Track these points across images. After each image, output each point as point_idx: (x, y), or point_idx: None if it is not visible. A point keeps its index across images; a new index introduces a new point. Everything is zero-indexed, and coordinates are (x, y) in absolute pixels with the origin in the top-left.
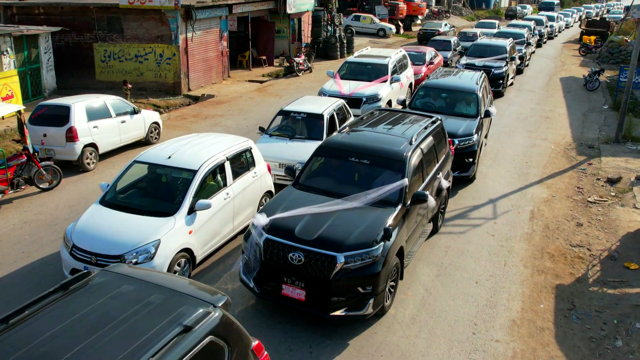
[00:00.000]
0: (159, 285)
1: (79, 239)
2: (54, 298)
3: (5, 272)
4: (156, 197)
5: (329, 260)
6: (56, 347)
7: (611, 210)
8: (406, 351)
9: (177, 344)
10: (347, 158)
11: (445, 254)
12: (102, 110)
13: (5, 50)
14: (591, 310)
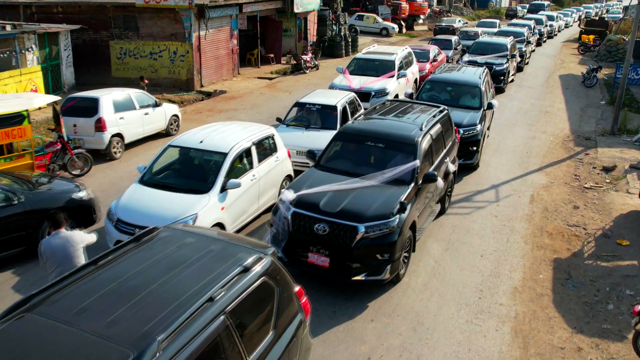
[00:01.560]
0: (215, 238)
1: (123, 214)
2: (129, 247)
3: None
4: (191, 177)
5: (350, 230)
6: (141, 282)
7: (606, 195)
8: (420, 312)
9: (238, 280)
10: (364, 142)
11: (453, 231)
12: (127, 103)
13: (29, 47)
14: (586, 279)
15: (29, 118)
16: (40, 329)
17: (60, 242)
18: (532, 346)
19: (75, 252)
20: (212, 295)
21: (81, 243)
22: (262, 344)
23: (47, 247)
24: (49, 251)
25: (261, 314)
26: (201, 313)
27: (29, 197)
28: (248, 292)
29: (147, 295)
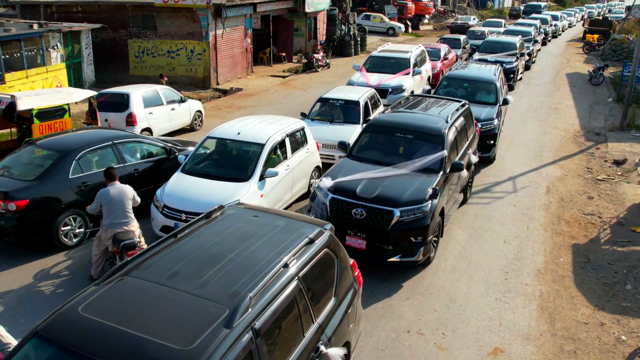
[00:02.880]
0: (278, 215)
1: (169, 200)
2: (202, 223)
3: None
4: (230, 166)
5: (387, 214)
6: (220, 251)
7: (618, 186)
8: (451, 291)
9: (306, 250)
10: (393, 134)
11: (475, 219)
12: (155, 98)
13: (54, 45)
14: (604, 263)
15: (70, 112)
16: (140, 289)
17: (116, 192)
18: (558, 321)
19: (127, 202)
20: (286, 262)
21: (132, 195)
22: (326, 308)
23: (105, 196)
24: (107, 199)
25: (325, 282)
26: (279, 277)
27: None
28: (314, 261)
29: (228, 262)
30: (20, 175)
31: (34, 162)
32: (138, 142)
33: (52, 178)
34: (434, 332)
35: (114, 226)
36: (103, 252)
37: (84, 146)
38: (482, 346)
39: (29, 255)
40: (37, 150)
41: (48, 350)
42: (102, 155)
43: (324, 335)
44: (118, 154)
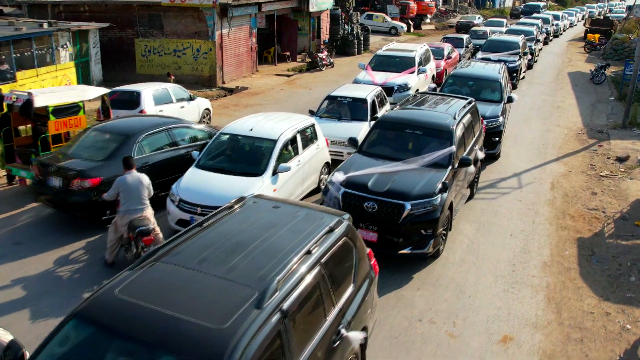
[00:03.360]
0: (297, 205)
1: (185, 194)
2: (225, 213)
3: None
4: (244, 162)
5: (398, 207)
6: (245, 238)
7: (621, 183)
8: (460, 282)
9: (327, 238)
10: (402, 130)
11: (482, 214)
12: (165, 96)
13: (64, 44)
14: (608, 255)
15: (84, 108)
16: (172, 273)
17: (133, 180)
18: (565, 311)
19: (143, 190)
20: (309, 249)
21: (147, 184)
22: (346, 294)
23: (122, 183)
24: (124, 186)
25: (344, 269)
26: (302, 262)
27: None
28: (334, 249)
29: (253, 249)
30: (90, 157)
31: (99, 145)
32: (187, 128)
33: (119, 158)
34: (445, 320)
35: (130, 212)
36: (118, 238)
37: (143, 130)
38: (492, 334)
39: (50, 242)
40: (99, 134)
41: (88, 329)
42: (159, 139)
43: (344, 319)
44: (171, 137)
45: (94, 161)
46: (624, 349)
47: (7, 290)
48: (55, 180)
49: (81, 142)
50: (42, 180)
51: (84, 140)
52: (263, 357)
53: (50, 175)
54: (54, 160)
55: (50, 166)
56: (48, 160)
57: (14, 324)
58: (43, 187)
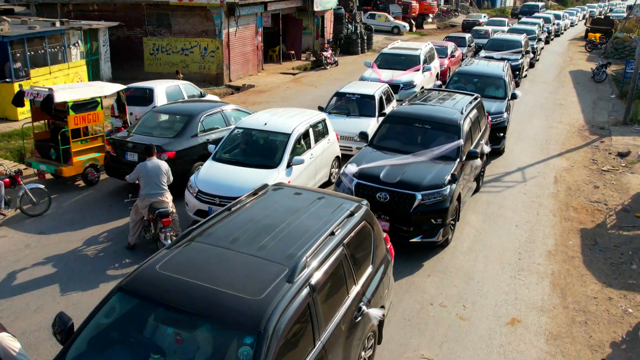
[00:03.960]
0: (317, 192)
1: (203, 186)
2: (250, 199)
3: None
4: (259, 155)
5: (409, 198)
6: (272, 221)
7: (623, 177)
8: (469, 270)
9: (348, 222)
10: (412, 124)
11: (488, 206)
12: (177, 93)
13: (75, 42)
14: (610, 245)
15: (102, 104)
16: (207, 251)
17: (153, 166)
18: (569, 296)
19: (162, 175)
20: (332, 230)
21: (166, 170)
22: (366, 274)
23: (142, 169)
24: (144, 171)
25: (364, 250)
26: (327, 243)
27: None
28: (355, 232)
29: (280, 230)
30: (161, 134)
31: (166, 124)
32: (235, 110)
33: (187, 135)
34: (455, 304)
35: (149, 196)
36: (140, 220)
37: (204, 111)
38: (500, 317)
39: (80, 222)
40: (162, 115)
41: (132, 301)
42: (216, 119)
43: (364, 297)
44: (224, 118)
45: (167, 138)
46: (626, 331)
47: (39, 267)
48: (132, 156)
49: (145, 124)
50: (117, 156)
51: (148, 122)
52: (295, 327)
53: (126, 151)
54: (127, 139)
55: (126, 143)
56: (122, 138)
57: (46, 298)
58: (118, 163)
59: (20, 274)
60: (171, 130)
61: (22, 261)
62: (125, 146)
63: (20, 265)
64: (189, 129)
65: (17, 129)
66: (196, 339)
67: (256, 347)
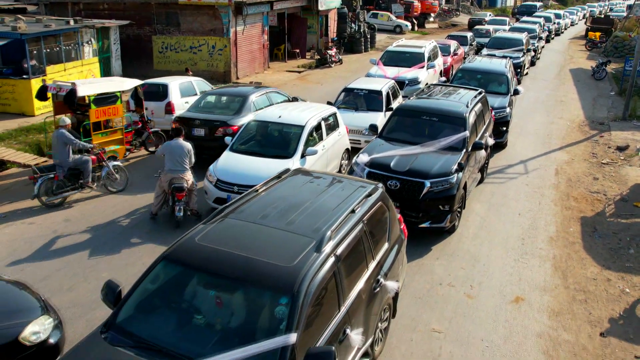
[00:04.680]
0: (335, 176)
1: (222, 175)
2: (275, 182)
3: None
4: (274, 146)
5: (418, 185)
6: (296, 201)
7: (621, 169)
8: (475, 253)
9: (366, 202)
10: (419, 117)
11: (492, 196)
12: (190, 89)
13: (88, 40)
14: (609, 232)
15: (121, 98)
16: (240, 225)
17: (177, 145)
18: (570, 277)
19: (184, 155)
20: (353, 208)
21: (188, 150)
22: (382, 250)
23: (167, 147)
24: (168, 149)
25: (381, 228)
26: (349, 219)
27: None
28: (373, 211)
29: (305, 209)
30: (222, 112)
31: (223, 105)
32: (275, 92)
33: (244, 112)
34: (463, 284)
35: (171, 172)
36: (162, 192)
37: (253, 93)
38: (505, 295)
39: (97, 220)
40: (218, 97)
41: (176, 269)
42: (263, 100)
43: (381, 271)
44: (269, 99)
45: (228, 115)
46: (624, 308)
47: (69, 250)
48: (199, 131)
49: (202, 105)
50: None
51: (206, 104)
52: (323, 291)
53: (193, 128)
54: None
55: (194, 120)
56: (189, 116)
57: (77, 279)
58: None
59: (51, 257)
60: (230, 109)
61: (52, 245)
62: (193, 123)
63: (51, 249)
64: (245, 107)
65: (35, 123)
66: (235, 301)
67: (291, 307)
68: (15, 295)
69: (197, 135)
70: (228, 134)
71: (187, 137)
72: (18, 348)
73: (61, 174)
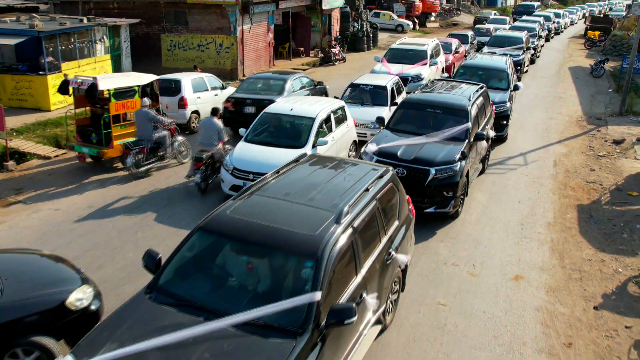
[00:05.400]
0: (348, 160)
1: (238, 163)
2: (293, 165)
3: (180, 190)
4: (286, 137)
5: (424, 172)
6: (314, 181)
7: (617, 161)
8: (477, 237)
9: (378, 182)
10: (425, 109)
11: (493, 185)
12: (202, 84)
13: (101, 38)
14: (604, 218)
15: (139, 92)
16: (266, 201)
17: (209, 123)
18: (566, 258)
19: (213, 132)
20: (367, 187)
21: (219, 130)
22: (393, 226)
23: (201, 123)
24: (202, 126)
25: (391, 207)
26: (363, 196)
27: None
28: (384, 191)
29: (323, 187)
30: (268, 93)
31: (265, 87)
32: (305, 77)
33: (286, 92)
34: (466, 264)
35: (201, 144)
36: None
37: (291, 76)
38: (505, 274)
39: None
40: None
41: (210, 238)
42: (297, 82)
43: (392, 245)
44: (300, 82)
45: (274, 95)
46: (616, 286)
47: (95, 231)
48: (250, 109)
49: (248, 87)
50: (236, 111)
51: (250, 86)
52: (342, 258)
53: (245, 106)
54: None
55: (245, 100)
56: (239, 97)
57: (105, 257)
58: (237, 115)
59: (79, 240)
60: (273, 90)
61: (78, 229)
62: (245, 102)
63: (78, 233)
64: (286, 88)
65: (51, 118)
66: (265, 266)
67: (315, 269)
68: (57, 266)
69: (248, 112)
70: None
71: (239, 114)
72: (65, 312)
73: (147, 147)
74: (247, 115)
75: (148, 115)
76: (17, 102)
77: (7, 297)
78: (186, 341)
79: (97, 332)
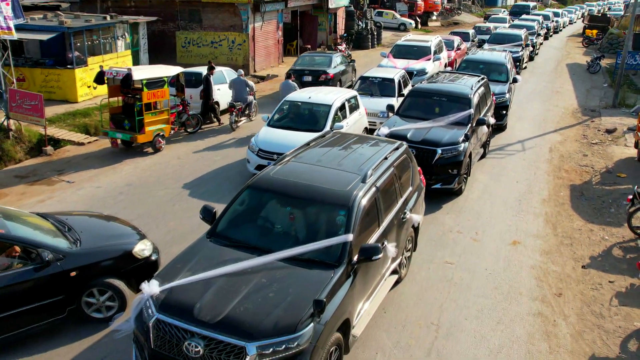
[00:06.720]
0: (364, 135)
1: (263, 145)
2: (319, 140)
3: (207, 171)
4: (306, 122)
5: (431, 152)
6: (340, 152)
7: (608, 148)
8: (479, 210)
9: (394, 153)
10: (431, 97)
11: (493, 168)
12: (221, 77)
13: (122, 34)
14: (594, 196)
15: (168, 83)
16: (302, 166)
17: (240, 81)
18: (559, 228)
19: (244, 88)
20: (386, 156)
21: (247, 82)
22: (407, 192)
23: (232, 82)
24: (234, 84)
25: (406, 175)
26: (383, 163)
27: None
28: (400, 160)
29: (349, 156)
30: (319, 66)
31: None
32: (341, 55)
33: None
34: (469, 231)
35: (236, 100)
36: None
37: (334, 54)
38: (504, 240)
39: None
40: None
41: (258, 194)
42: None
43: (407, 207)
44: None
45: (324, 67)
46: (602, 249)
47: (137, 205)
48: (308, 77)
49: (302, 62)
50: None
51: (304, 62)
52: (368, 211)
53: (303, 75)
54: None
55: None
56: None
57: (150, 225)
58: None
59: (122, 212)
60: (324, 64)
61: (120, 203)
62: (303, 72)
63: (120, 206)
64: (332, 62)
65: (79, 109)
66: (305, 215)
67: (347, 216)
68: (119, 225)
69: (306, 80)
70: (328, 79)
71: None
72: (132, 259)
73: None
74: (305, 83)
75: (246, 82)
76: (46, 94)
77: (85, 245)
78: (245, 271)
79: (171, 265)
